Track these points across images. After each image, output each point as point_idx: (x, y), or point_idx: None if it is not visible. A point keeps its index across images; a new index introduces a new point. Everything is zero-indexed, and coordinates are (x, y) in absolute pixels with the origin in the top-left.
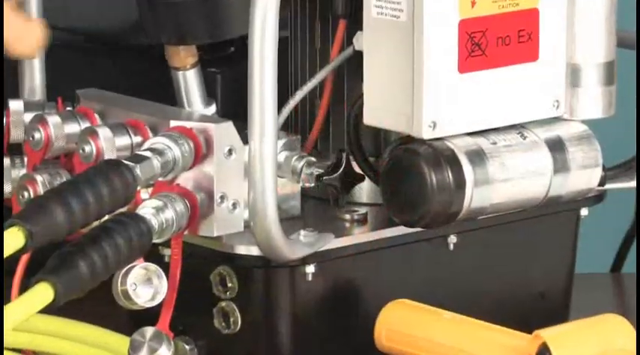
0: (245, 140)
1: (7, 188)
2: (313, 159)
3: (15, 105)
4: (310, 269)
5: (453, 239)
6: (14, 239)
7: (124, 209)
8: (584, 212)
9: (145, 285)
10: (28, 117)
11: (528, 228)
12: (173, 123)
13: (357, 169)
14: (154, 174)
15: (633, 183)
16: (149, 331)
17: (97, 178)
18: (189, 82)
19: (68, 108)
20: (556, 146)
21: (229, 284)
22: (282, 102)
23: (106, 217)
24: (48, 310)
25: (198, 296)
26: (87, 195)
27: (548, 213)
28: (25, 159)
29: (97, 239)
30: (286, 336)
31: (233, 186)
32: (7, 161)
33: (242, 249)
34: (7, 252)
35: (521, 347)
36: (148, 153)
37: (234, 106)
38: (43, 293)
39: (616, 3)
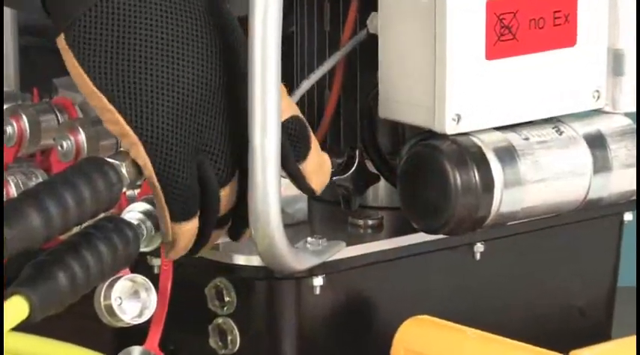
0: None
1: None
2: None
3: None
4: (318, 281)
5: (479, 247)
6: None
7: (107, 213)
8: (628, 217)
9: (131, 299)
10: None
11: (565, 235)
12: None
13: (372, 168)
14: (141, 174)
15: None
16: (136, 351)
17: (77, 178)
18: None
19: (45, 100)
20: (596, 142)
21: (227, 299)
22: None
23: (88, 222)
24: (23, 327)
25: (191, 312)
26: (66, 197)
27: (587, 218)
28: None
29: (77, 247)
30: None
31: None
32: None
33: (241, 259)
34: None
35: None
36: None
37: None
38: (16, 307)
39: None
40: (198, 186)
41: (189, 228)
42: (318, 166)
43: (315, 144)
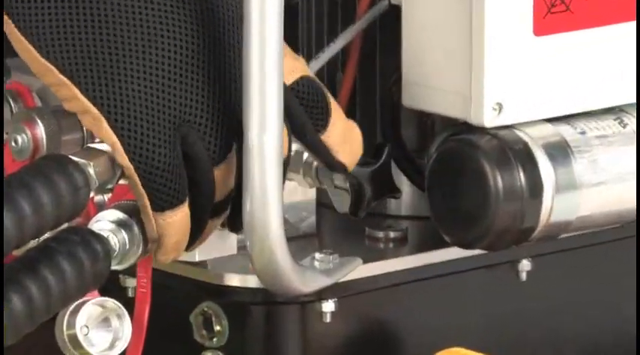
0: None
1: None
2: None
3: None
4: (329, 306)
5: (525, 265)
6: None
7: (72, 223)
8: None
9: (100, 328)
10: None
11: (627, 251)
12: None
13: (395, 175)
14: (112, 175)
15: None
16: None
17: (34, 181)
18: None
19: None
20: None
21: (217, 328)
22: None
23: (48, 234)
24: None
25: (173, 344)
26: (21, 203)
27: None
28: None
29: (35, 264)
30: None
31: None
32: None
33: (234, 279)
34: None
35: None
36: (103, 147)
37: None
38: None
39: None
40: (185, 164)
41: (177, 219)
42: (343, 135)
43: (336, 108)
